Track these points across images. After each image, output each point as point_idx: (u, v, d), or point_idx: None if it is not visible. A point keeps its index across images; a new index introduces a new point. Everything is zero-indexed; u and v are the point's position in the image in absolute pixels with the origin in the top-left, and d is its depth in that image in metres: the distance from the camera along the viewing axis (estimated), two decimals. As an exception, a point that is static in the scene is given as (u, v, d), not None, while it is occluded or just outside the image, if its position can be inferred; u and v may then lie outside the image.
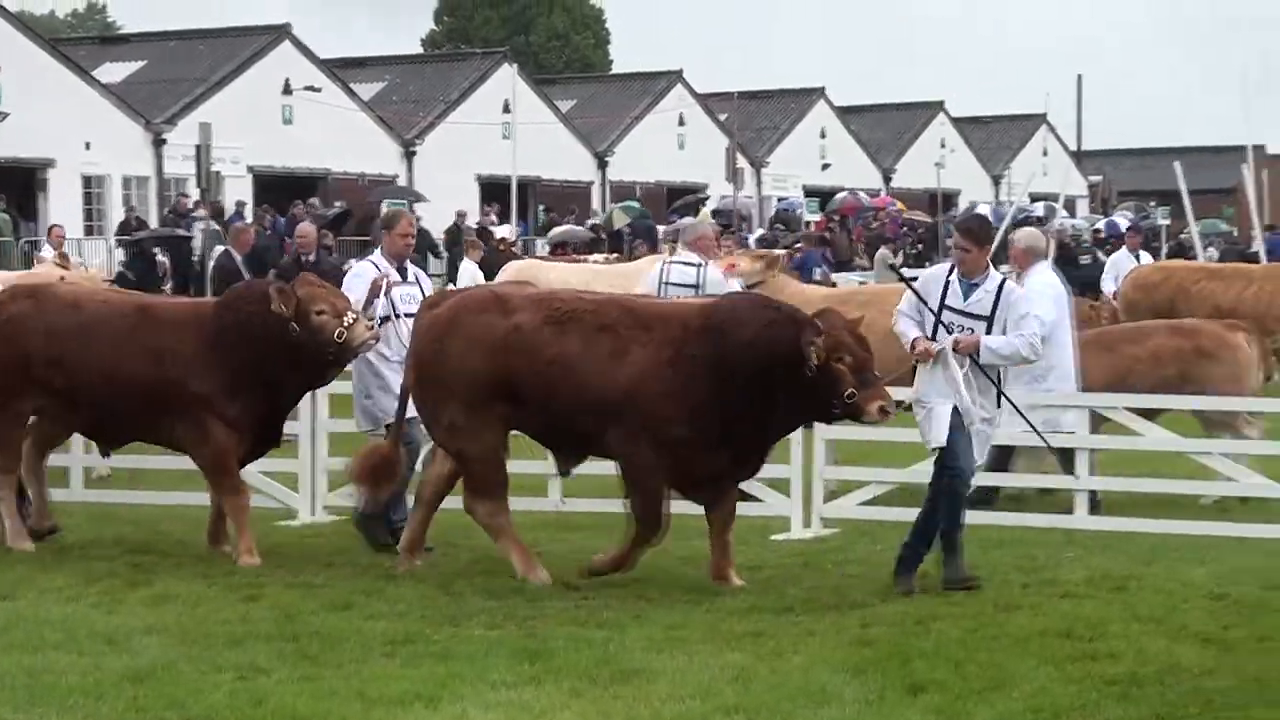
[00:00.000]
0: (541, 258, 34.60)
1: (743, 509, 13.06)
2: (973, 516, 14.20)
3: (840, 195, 53.73)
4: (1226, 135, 61.27)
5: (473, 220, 44.50)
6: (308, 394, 14.45)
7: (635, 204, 53.02)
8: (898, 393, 12.13)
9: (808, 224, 48.54)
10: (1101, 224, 54.79)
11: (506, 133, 49.78)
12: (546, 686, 9.39)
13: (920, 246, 48.77)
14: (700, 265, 15.63)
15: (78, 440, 15.11)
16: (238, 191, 44.94)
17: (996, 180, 74.90)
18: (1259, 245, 40.12)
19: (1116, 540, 13.34)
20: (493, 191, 51.68)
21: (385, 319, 13.58)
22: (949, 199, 61.71)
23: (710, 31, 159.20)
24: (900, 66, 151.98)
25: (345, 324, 12.80)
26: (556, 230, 45.78)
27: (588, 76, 74.40)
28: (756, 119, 65.28)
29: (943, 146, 71.45)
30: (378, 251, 14.29)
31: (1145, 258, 28.06)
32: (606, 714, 8.83)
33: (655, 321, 12.07)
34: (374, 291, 13.59)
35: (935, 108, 75.59)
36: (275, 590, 12.16)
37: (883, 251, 40.68)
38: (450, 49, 73.56)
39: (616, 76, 73.55)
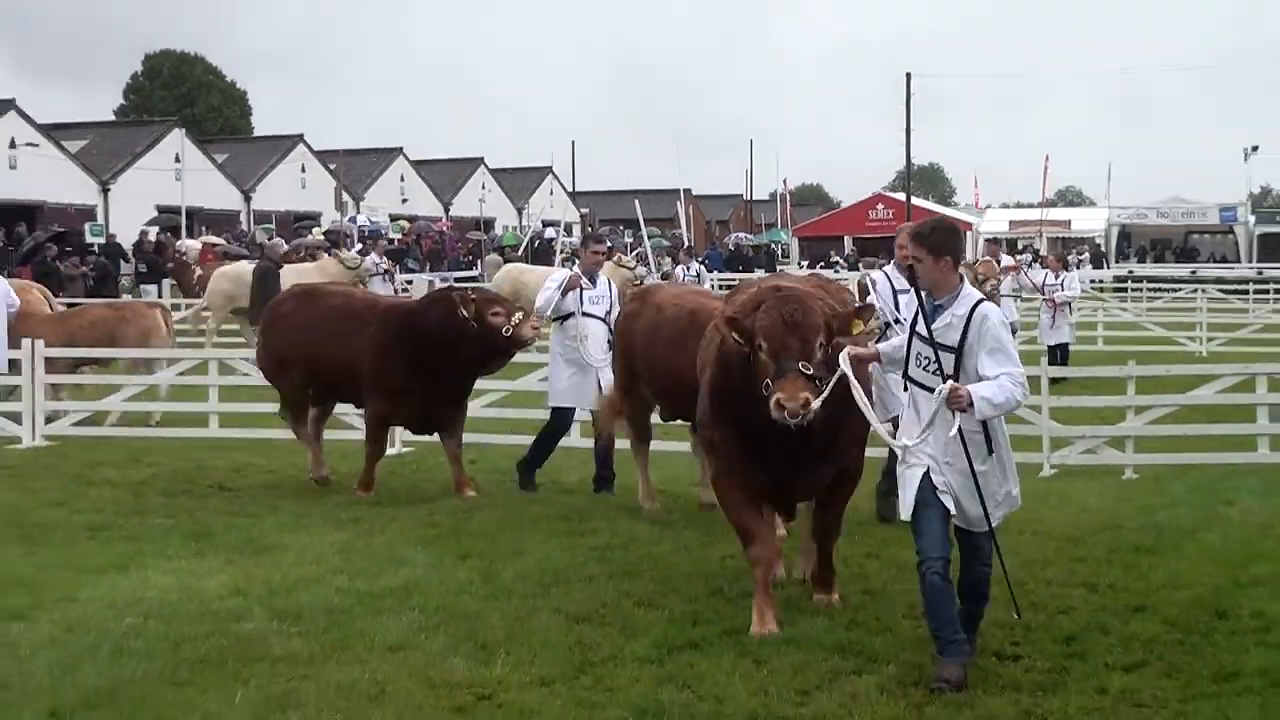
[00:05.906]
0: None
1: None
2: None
3: (419, 222, 53.30)
4: (668, 181, 63.02)
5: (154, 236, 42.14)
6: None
7: (272, 227, 51.80)
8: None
9: (391, 240, 47.77)
10: (589, 242, 55.54)
11: (178, 175, 48.01)
12: (208, 558, 9.17)
13: (471, 257, 48.89)
14: None
15: None
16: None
17: (520, 211, 75.18)
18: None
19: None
20: (169, 217, 49.51)
21: (569, 315, 11.83)
22: (489, 224, 62.13)
23: (330, 101, 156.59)
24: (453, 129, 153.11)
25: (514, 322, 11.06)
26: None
27: (236, 138, 71.77)
28: (356, 168, 64.04)
29: (484, 189, 71.60)
30: (577, 264, 12.26)
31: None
32: (250, 575, 8.62)
33: None
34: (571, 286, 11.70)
35: (477, 162, 75.41)
36: (5, 493, 11.67)
37: (493, 256, 40.01)
38: (135, 117, 69.98)
39: (257, 138, 70.99)
